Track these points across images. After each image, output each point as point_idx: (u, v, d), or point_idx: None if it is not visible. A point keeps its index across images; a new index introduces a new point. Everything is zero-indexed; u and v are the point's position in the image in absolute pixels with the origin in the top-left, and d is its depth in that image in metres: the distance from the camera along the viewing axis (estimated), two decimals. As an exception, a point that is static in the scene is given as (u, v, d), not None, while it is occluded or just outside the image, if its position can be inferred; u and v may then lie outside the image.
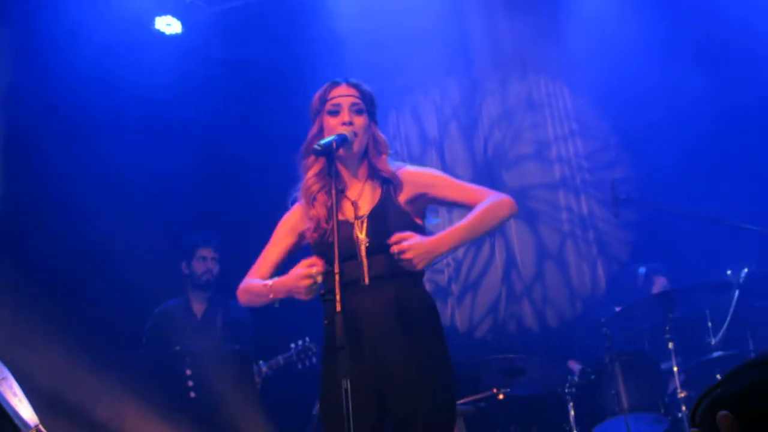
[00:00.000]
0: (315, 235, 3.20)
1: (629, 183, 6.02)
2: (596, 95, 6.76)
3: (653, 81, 6.33)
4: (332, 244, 2.95)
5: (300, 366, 5.34)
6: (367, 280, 3.09)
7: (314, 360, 5.26)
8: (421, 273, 3.25)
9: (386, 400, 3.07)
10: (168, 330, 5.53)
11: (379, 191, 3.26)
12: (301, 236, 3.33)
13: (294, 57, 6.58)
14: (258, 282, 3.25)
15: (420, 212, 3.29)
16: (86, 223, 5.67)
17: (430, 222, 3.41)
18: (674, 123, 6.33)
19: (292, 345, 5.39)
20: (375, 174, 3.29)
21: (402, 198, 3.25)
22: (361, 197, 3.25)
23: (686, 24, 6.32)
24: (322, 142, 3.07)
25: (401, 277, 3.14)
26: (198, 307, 5.70)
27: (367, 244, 3.13)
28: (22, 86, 6.00)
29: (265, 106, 6.45)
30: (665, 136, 6.38)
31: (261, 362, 5.43)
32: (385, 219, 3.18)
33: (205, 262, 5.69)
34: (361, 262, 3.11)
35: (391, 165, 3.33)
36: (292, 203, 3.41)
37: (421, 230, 3.22)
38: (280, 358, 5.42)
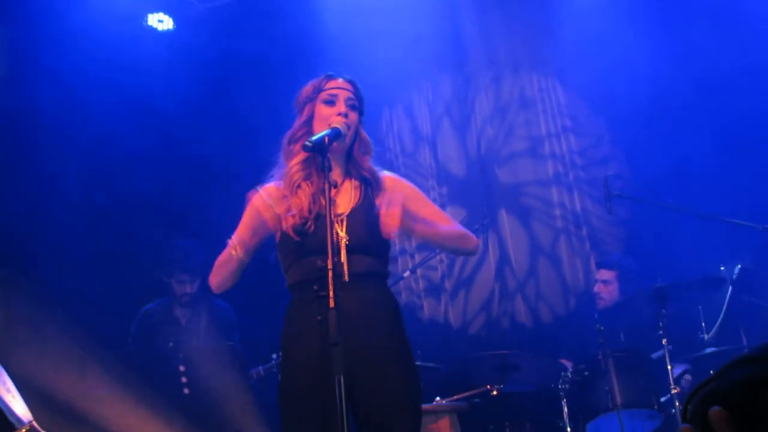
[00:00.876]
0: (295, 222, 3.13)
1: (622, 179, 6.01)
2: (589, 91, 6.76)
3: (646, 77, 6.32)
4: (312, 234, 3.07)
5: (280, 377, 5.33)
6: (347, 277, 3.08)
7: None
8: (388, 275, 3.32)
9: (353, 398, 3.05)
10: (151, 332, 5.53)
11: (358, 191, 3.28)
12: (270, 220, 3.19)
13: (286, 53, 6.57)
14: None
15: None
16: (76, 220, 5.67)
17: None
18: (667, 119, 6.34)
19: (274, 356, 5.37)
20: (356, 173, 3.30)
21: (379, 201, 3.23)
22: (340, 195, 3.25)
23: (679, 18, 6.32)
24: (314, 138, 3.02)
25: (376, 277, 3.21)
26: (181, 312, 5.69)
27: (347, 242, 3.13)
28: (14, 81, 6.00)
29: (256, 102, 6.43)
30: (658, 132, 6.39)
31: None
32: (364, 219, 3.20)
33: (182, 285, 5.65)
34: (340, 259, 3.09)
35: (373, 167, 3.36)
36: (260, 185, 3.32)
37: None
38: (261, 369, 5.42)
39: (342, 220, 3.18)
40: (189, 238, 5.81)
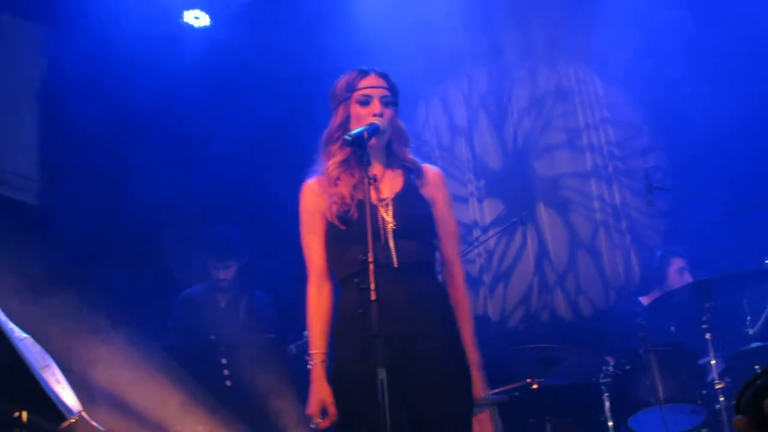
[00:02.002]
0: (339, 210, 3.14)
1: (662, 171, 5.95)
2: (628, 82, 6.69)
3: (686, 66, 6.26)
4: (356, 222, 3.04)
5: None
6: (396, 263, 3.06)
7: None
8: (435, 263, 3.27)
9: (407, 392, 3.02)
10: (193, 317, 5.58)
11: (401, 179, 3.28)
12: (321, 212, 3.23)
13: (321, 48, 6.58)
14: (313, 337, 3.19)
15: None
16: (120, 212, 5.75)
17: None
18: (708, 109, 6.26)
19: (305, 333, 5.40)
20: (397, 163, 3.30)
21: (423, 190, 3.26)
22: (383, 181, 3.24)
23: (722, 9, 6.23)
24: (353, 132, 3.05)
25: (424, 265, 3.17)
26: (221, 296, 5.73)
27: (393, 227, 3.11)
28: (52, 80, 6.09)
29: (293, 96, 6.46)
30: (699, 122, 6.31)
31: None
32: (410, 203, 3.19)
33: (218, 272, 5.67)
34: (388, 245, 3.08)
35: (415, 158, 3.36)
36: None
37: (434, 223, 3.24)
38: (293, 347, 5.45)
39: (387, 205, 3.17)
40: (228, 224, 5.86)
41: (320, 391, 3.07)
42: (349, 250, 3.12)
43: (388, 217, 3.12)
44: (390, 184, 3.25)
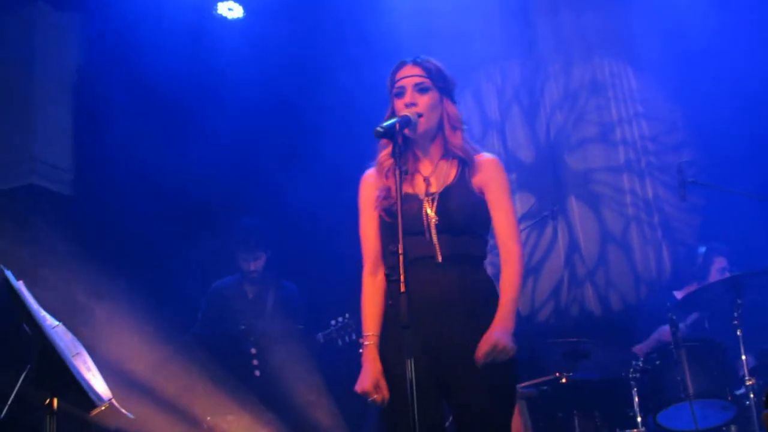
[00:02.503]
0: (385, 203, 3.18)
1: (696, 166, 5.87)
2: (663, 76, 6.62)
3: (722, 61, 6.18)
4: (401, 216, 2.97)
5: (340, 342, 5.42)
6: (440, 258, 3.08)
7: (354, 336, 5.33)
8: (484, 257, 3.23)
9: (447, 384, 3.05)
10: (222, 308, 5.62)
11: (454, 170, 3.24)
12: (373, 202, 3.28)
13: (354, 40, 6.58)
14: (367, 320, 3.20)
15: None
16: (153, 207, 5.80)
17: None
18: (743, 104, 6.18)
19: (332, 322, 5.44)
20: (450, 152, 3.25)
21: (475, 181, 3.23)
22: (434, 174, 3.23)
23: (758, 6, 6.14)
24: (385, 124, 3.06)
25: (470, 259, 3.15)
26: (250, 288, 5.77)
27: (436, 222, 3.11)
28: (87, 70, 6.16)
29: (327, 87, 6.47)
30: (734, 117, 6.23)
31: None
32: (457, 199, 3.17)
33: (247, 263, 5.69)
34: (431, 239, 3.10)
35: (470, 144, 3.31)
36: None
37: (487, 214, 3.21)
38: (320, 336, 5.48)
39: (433, 200, 3.16)
40: (257, 217, 5.89)
41: (374, 370, 3.09)
42: (392, 243, 3.13)
43: (431, 212, 3.13)
44: (443, 176, 3.23)
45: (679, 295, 5.64)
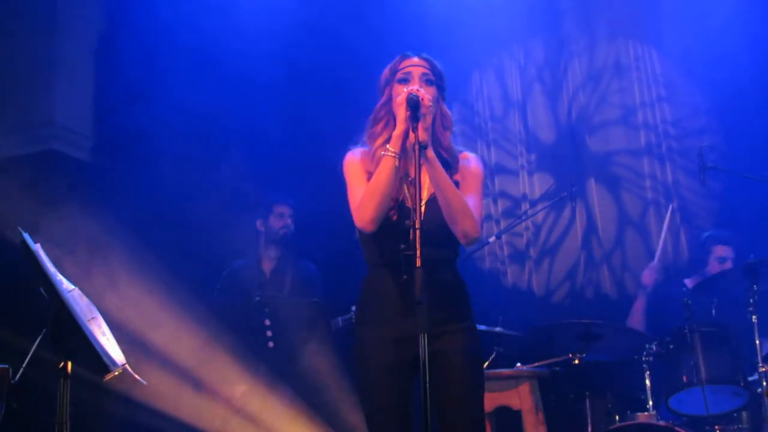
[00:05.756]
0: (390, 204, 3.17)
1: (717, 151, 5.82)
2: (687, 60, 6.55)
3: (747, 47, 6.11)
4: (395, 223, 3.11)
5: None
6: (419, 264, 2.97)
7: None
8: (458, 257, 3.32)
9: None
10: (238, 288, 5.65)
11: None
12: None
13: (378, 17, 6.56)
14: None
15: None
16: (172, 175, 5.82)
17: None
18: (766, 91, 6.12)
19: (353, 308, 5.43)
20: (437, 152, 3.20)
21: (456, 179, 3.24)
22: (424, 178, 3.13)
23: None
24: (413, 96, 3.02)
25: (447, 263, 3.23)
26: (267, 265, 5.79)
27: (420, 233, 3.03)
28: (106, 50, 6.16)
29: (349, 65, 6.44)
30: (756, 104, 6.18)
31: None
32: (440, 209, 3.15)
33: (282, 218, 5.78)
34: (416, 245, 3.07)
35: (455, 146, 3.34)
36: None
37: None
38: (339, 320, 5.49)
39: (421, 208, 3.07)
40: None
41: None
42: (386, 245, 3.15)
43: (417, 222, 2.96)
44: (428, 182, 3.19)
45: (690, 283, 5.62)
